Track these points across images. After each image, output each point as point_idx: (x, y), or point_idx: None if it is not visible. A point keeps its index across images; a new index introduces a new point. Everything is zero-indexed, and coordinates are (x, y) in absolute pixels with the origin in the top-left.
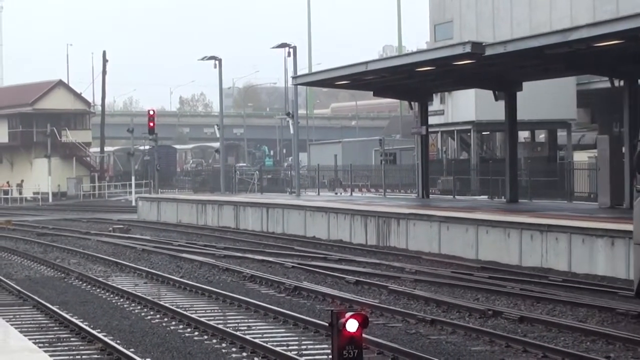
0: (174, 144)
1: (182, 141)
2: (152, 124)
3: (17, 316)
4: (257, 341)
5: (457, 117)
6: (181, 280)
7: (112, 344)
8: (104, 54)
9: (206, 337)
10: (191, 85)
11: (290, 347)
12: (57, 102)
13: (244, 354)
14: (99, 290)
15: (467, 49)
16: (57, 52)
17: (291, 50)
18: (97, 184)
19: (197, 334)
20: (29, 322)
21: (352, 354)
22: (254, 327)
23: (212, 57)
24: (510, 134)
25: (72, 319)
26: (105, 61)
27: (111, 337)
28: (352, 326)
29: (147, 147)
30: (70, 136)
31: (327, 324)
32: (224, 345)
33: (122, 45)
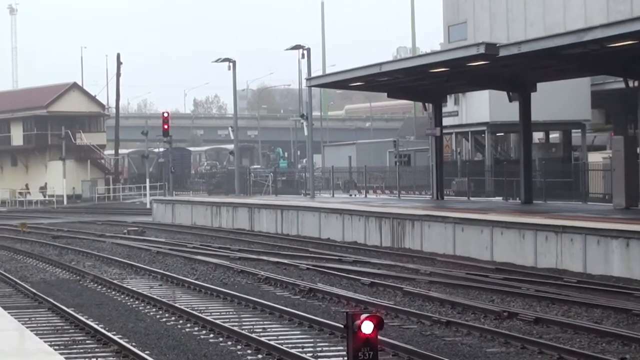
0: (188, 146)
1: (196, 143)
2: (166, 126)
3: (33, 319)
4: (272, 343)
5: (472, 118)
6: (196, 282)
7: (128, 346)
8: (118, 56)
9: (221, 339)
10: (205, 87)
11: (305, 349)
12: (72, 104)
13: (260, 356)
14: (114, 292)
15: (481, 50)
16: (71, 55)
17: (305, 52)
18: (111, 187)
19: (212, 336)
20: (44, 324)
21: (367, 355)
22: (269, 329)
23: (227, 59)
24: (524, 135)
25: (88, 322)
26: (119, 63)
27: (127, 340)
28: (367, 328)
29: (161, 150)
30: (84, 139)
31: (343, 326)
32: (239, 347)
33: (136, 47)
